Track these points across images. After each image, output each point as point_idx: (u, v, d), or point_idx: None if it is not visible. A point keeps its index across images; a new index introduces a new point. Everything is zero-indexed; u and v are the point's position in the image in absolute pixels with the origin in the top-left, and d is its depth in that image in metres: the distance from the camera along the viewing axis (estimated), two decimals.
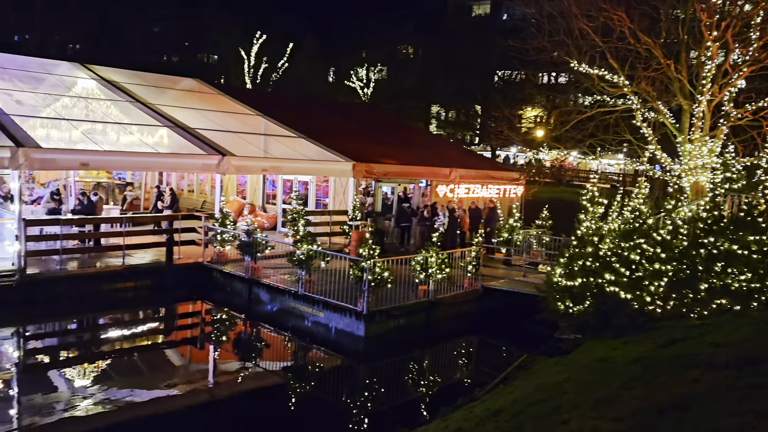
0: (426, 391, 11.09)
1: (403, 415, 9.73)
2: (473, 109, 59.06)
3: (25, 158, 13.45)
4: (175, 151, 16.98)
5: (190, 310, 16.20)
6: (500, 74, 55.46)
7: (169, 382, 10.71)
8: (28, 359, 11.66)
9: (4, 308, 13.13)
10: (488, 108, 55.00)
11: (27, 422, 8.74)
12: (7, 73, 18.92)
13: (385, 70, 59.38)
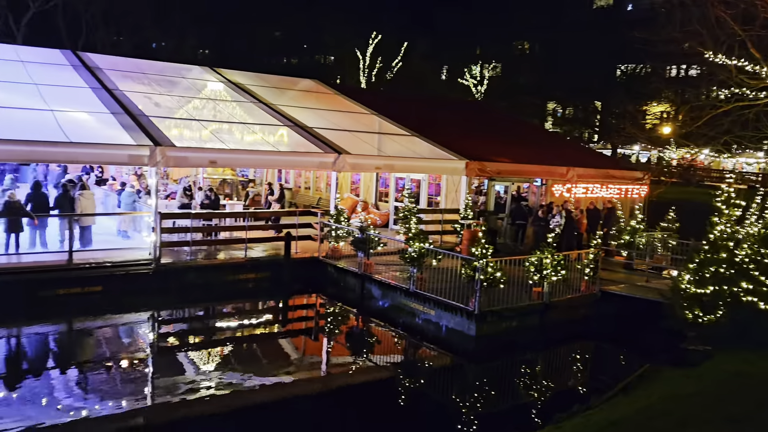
0: (538, 395, 10.76)
1: (513, 419, 9.51)
2: (592, 105, 56.55)
3: (161, 156, 14.57)
4: (294, 149, 17.68)
5: (305, 302, 16.81)
6: (623, 68, 52.68)
7: (284, 371, 11.15)
8: (160, 341, 12.62)
9: (141, 294, 14.34)
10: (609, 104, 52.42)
11: (157, 400, 9.46)
12: (147, 77, 20.59)
13: (499, 67, 58.32)
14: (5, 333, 12.19)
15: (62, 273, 13.69)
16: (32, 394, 9.37)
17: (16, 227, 14.20)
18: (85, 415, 8.68)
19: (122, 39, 47.21)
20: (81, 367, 10.81)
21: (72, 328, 12.93)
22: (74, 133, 14.20)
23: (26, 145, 13.20)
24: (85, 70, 19.25)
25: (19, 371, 10.47)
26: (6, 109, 14.62)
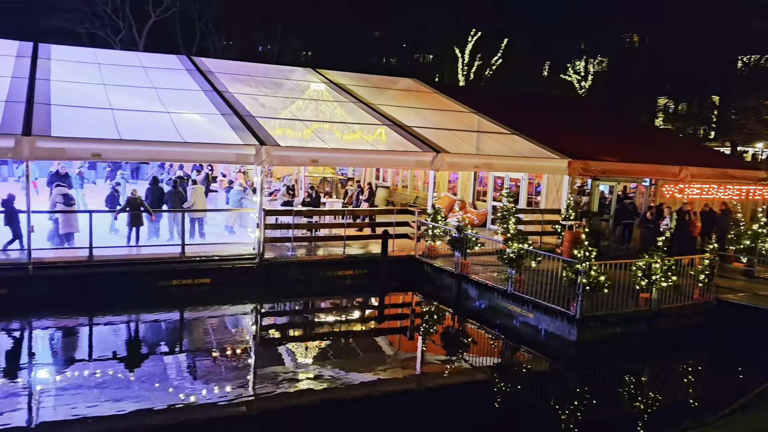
0: (644, 407, 10.17)
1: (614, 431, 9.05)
2: (709, 99, 52.78)
3: (266, 155, 15.17)
4: (393, 148, 17.82)
5: (401, 300, 16.90)
6: (745, 59, 48.78)
7: (380, 368, 11.27)
8: (262, 333, 13.15)
9: (246, 286, 15.02)
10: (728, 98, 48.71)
11: (258, 389, 9.86)
12: (253, 80, 21.51)
13: (605, 61, 55.79)
14: (128, 319, 13.19)
15: (176, 265, 14.61)
16: (148, 376, 10.05)
17: (137, 221, 15.30)
18: (193, 399, 9.20)
19: (231, 43, 49.64)
20: (191, 353, 11.47)
21: (183, 317, 13.75)
22: (188, 133, 15.08)
23: (147, 145, 14.19)
24: (198, 73, 20.41)
25: (137, 355, 11.27)
26: (130, 112, 15.77)
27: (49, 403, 8.88)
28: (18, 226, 13.87)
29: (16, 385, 9.54)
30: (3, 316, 12.46)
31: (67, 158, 15.04)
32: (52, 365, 10.41)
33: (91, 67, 19.06)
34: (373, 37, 62.16)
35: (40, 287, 13.17)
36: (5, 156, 13.16)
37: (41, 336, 12.01)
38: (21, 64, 17.60)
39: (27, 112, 14.11)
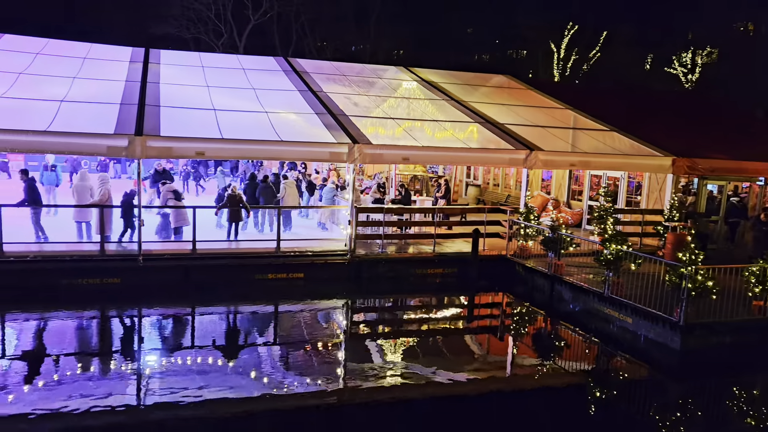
0: (756, 423, 9.44)
1: None
2: None
3: (359, 153, 15.41)
4: (484, 146, 17.58)
5: (492, 300, 16.64)
6: None
7: (468, 367, 11.15)
8: (352, 328, 13.37)
9: (337, 282, 15.35)
10: None
11: (347, 383, 10.03)
12: (347, 79, 21.90)
13: (715, 53, 52.25)
14: (226, 310, 13.83)
15: (272, 260, 15.15)
16: (244, 365, 10.49)
17: (236, 217, 16.01)
18: (285, 390, 9.50)
19: (326, 44, 50.81)
20: (284, 345, 11.85)
21: (278, 310, 14.23)
22: (284, 132, 15.59)
23: (246, 144, 14.81)
24: (294, 74, 21.04)
25: (234, 345, 11.79)
26: (231, 112, 16.50)
27: (155, 385, 9.45)
28: (132, 219, 14.91)
29: (126, 367, 10.24)
30: (116, 303, 13.45)
31: (174, 156, 15.94)
32: (158, 350, 11.09)
33: (196, 70, 20.11)
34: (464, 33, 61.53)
35: (149, 277, 14.08)
36: (120, 154, 14.14)
37: (148, 323, 12.83)
38: (134, 69, 18.86)
39: (139, 114, 15.10)
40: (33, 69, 17.42)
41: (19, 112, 14.24)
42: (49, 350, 10.96)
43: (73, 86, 16.57)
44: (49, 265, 13.60)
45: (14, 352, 10.75)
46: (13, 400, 8.61)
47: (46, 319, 12.54)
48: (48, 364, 10.22)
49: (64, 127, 13.71)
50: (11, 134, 13.03)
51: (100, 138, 13.66)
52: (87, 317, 12.92)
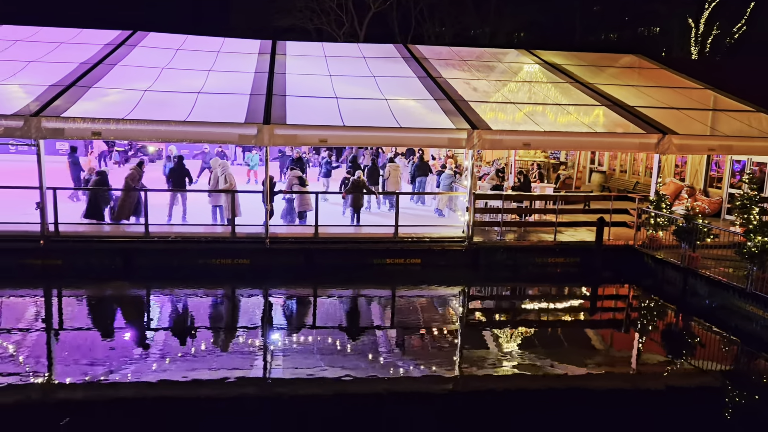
0: None
1: None
2: None
3: (478, 139, 15.21)
4: (611, 130, 16.68)
5: (616, 292, 15.84)
6: None
7: (589, 361, 10.71)
8: (468, 316, 13.30)
9: (454, 269, 15.33)
10: None
11: (462, 370, 9.99)
12: (466, 64, 21.64)
13: None
14: (346, 293, 14.27)
15: (390, 245, 15.40)
16: (362, 346, 10.79)
17: (359, 202, 16.43)
18: (401, 373, 9.65)
19: (444, 29, 50.46)
20: (400, 330, 12.03)
21: (396, 295, 14.47)
22: (403, 118, 15.72)
23: (366, 131, 15.11)
24: (413, 60, 21.11)
25: (353, 327, 12.15)
26: (352, 100, 16.90)
27: (278, 362, 9.97)
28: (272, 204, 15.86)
29: (253, 344, 10.88)
30: (245, 283, 14.33)
31: (298, 144, 16.60)
32: (282, 329, 11.69)
33: (319, 59, 20.77)
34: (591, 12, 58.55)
35: (275, 259, 14.85)
36: (249, 142, 14.97)
37: (274, 302, 13.54)
38: (262, 60, 19.83)
39: (267, 103, 15.88)
40: (174, 63, 18.84)
41: (163, 103, 15.48)
42: (188, 324, 11.92)
43: (208, 78, 17.73)
44: (188, 245, 14.74)
45: (159, 324, 11.80)
46: (159, 368, 9.46)
47: (185, 295, 13.64)
48: (186, 337, 11.10)
49: (201, 117, 14.74)
50: (156, 124, 14.22)
51: (231, 127, 14.55)
52: (220, 295, 13.88)
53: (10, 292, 13.18)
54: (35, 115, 13.86)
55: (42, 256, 14.21)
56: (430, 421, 8.38)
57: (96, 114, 14.24)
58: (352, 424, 8.16)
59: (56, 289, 13.60)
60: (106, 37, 20.44)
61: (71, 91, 15.54)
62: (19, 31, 20.40)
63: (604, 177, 25.16)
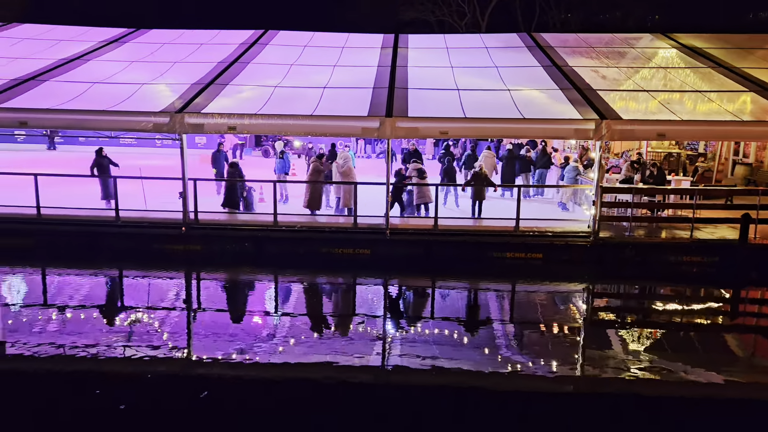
0: None
1: None
2: None
3: (607, 130, 14.49)
4: (760, 117, 15.20)
5: (763, 296, 14.47)
6: None
7: (727, 369, 9.88)
8: (592, 314, 12.74)
9: (578, 265, 14.76)
10: None
11: (584, 371, 9.60)
12: (594, 51, 20.65)
13: None
14: (464, 286, 14.22)
15: (510, 238, 15.13)
16: (478, 340, 10.71)
17: (480, 195, 16.29)
18: (519, 369, 9.46)
19: (570, 16, 48.41)
20: (518, 325, 11.79)
21: (515, 290, 14.19)
22: (526, 109, 15.33)
23: (488, 123, 14.91)
24: (537, 49, 20.48)
25: (471, 320, 12.08)
26: (474, 91, 16.73)
27: (395, 351, 10.13)
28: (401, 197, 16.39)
29: (371, 332, 11.16)
30: (365, 272, 14.72)
31: (420, 136, 16.74)
32: (399, 318, 11.87)
33: (441, 51, 20.74)
34: None
35: (395, 250, 15.11)
36: (372, 135, 15.30)
37: (393, 292, 13.79)
38: (385, 54, 20.15)
39: (389, 96, 16.13)
40: (302, 60, 19.66)
41: (291, 99, 16.22)
42: (311, 310, 12.47)
43: (333, 73, 18.32)
44: (312, 234, 15.38)
45: (285, 309, 12.44)
46: (285, 350, 9.99)
47: (310, 282, 14.27)
48: (310, 322, 11.62)
49: (326, 111, 15.29)
50: (285, 119, 14.94)
51: (355, 120, 14.95)
52: (342, 283, 14.37)
53: (156, 274, 14.47)
54: (179, 111, 15.06)
55: (183, 242, 15.44)
56: (547, 422, 8.16)
57: (231, 110, 15.22)
58: (467, 418, 8.14)
59: (195, 272, 14.74)
60: (240, 36, 21.74)
61: (210, 89, 16.71)
62: (166, 35, 22.24)
63: (750, 170, 23.00)
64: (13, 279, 13.98)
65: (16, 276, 14.15)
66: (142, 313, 11.69)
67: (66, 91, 16.64)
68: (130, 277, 14.23)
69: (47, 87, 16.96)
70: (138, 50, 20.54)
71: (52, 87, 16.96)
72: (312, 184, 16.26)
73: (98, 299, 12.72)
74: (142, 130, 15.27)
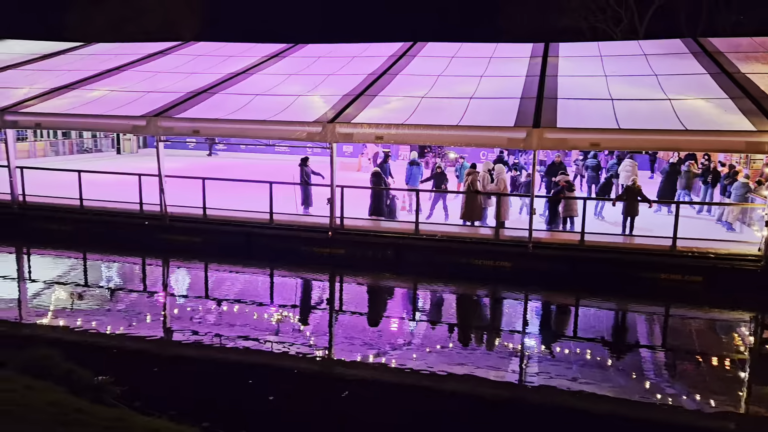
0: None
1: None
2: None
3: None
4: None
5: None
6: None
7: None
8: (762, 346, 11.45)
9: (745, 291, 13.36)
10: None
11: (749, 408, 8.62)
12: None
13: None
14: (611, 306, 13.44)
15: (666, 258, 14.04)
16: (622, 365, 10.05)
17: (632, 210, 15.32)
18: (670, 400, 8.72)
19: (743, 18, 44.07)
20: (671, 352, 10.89)
21: (669, 314, 13.14)
22: (689, 120, 14.19)
23: (644, 134, 13.94)
24: (704, 55, 18.88)
25: (616, 342, 11.38)
26: (629, 101, 15.81)
27: (534, 369, 9.76)
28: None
29: (509, 347, 10.89)
30: (506, 286, 14.43)
31: (568, 148, 16.14)
32: (540, 335, 11.47)
33: (594, 60, 19.85)
34: None
35: (537, 264, 14.65)
36: (518, 146, 15.01)
37: (534, 308, 13.37)
38: (534, 64, 19.69)
39: (537, 107, 15.72)
40: (448, 71, 19.79)
41: (437, 109, 16.38)
42: (448, 320, 12.48)
43: (480, 84, 18.24)
44: (452, 245, 15.37)
45: (422, 317, 12.54)
46: (420, 357, 10.07)
47: (448, 292, 14.29)
48: (446, 332, 11.61)
49: (471, 121, 15.25)
50: (431, 129, 15.12)
51: (500, 131, 14.75)
52: (481, 295, 14.22)
53: (303, 275, 15.28)
54: (331, 121, 15.82)
55: (329, 245, 16.15)
56: None
57: (379, 120, 15.70)
58: None
59: (339, 275, 15.36)
60: (390, 49, 22.39)
61: (360, 100, 17.37)
62: (321, 49, 23.52)
63: None
64: (182, 273, 15.50)
65: (185, 270, 15.67)
66: (289, 311, 12.40)
67: (232, 102, 18.17)
68: (280, 276, 15.15)
69: (216, 99, 18.63)
70: (296, 64, 21.92)
71: (221, 99, 18.60)
72: (469, 195, 16.11)
73: (251, 295, 13.69)
74: (296, 138, 16.24)
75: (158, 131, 16.93)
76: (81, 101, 19.00)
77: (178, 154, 32.28)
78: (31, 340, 9.86)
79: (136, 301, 12.90)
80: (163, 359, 9.82)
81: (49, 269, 15.54)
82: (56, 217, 17.92)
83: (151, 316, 11.84)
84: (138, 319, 11.48)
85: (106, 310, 11.94)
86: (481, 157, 27.28)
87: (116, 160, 30.89)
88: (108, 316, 11.59)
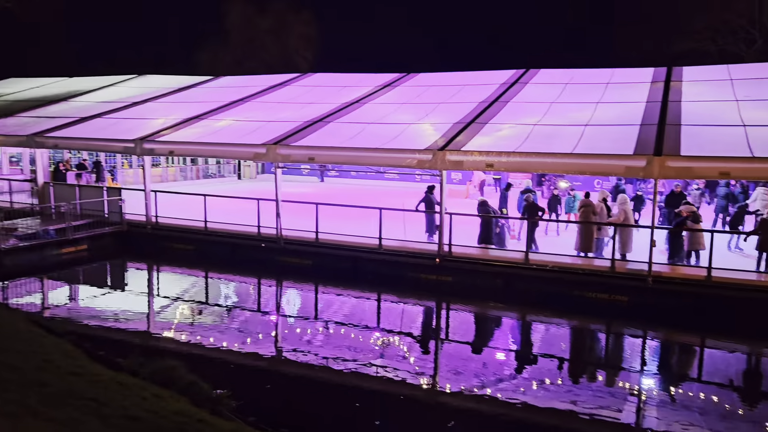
0: None
1: None
2: None
3: None
4: None
5: None
6: None
7: None
8: None
9: None
10: None
11: None
12: None
13: None
14: (747, 350, 12.32)
15: None
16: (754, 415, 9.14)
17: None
18: None
19: None
20: None
21: None
22: None
23: None
24: None
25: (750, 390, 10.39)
26: (763, 127, 14.62)
27: (649, 412, 9.10)
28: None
29: (623, 386, 10.24)
30: (622, 322, 13.66)
31: (693, 177, 15.17)
32: (658, 375, 10.71)
33: (723, 84, 18.61)
34: None
35: (657, 299, 13.75)
36: (637, 175, 14.32)
37: (652, 346, 12.54)
38: (655, 89, 18.77)
39: (658, 134, 14.92)
40: (562, 98, 19.33)
41: (550, 136, 16.00)
42: (559, 354, 11.98)
43: (596, 111, 17.63)
44: (564, 275, 14.81)
45: (530, 350, 12.14)
46: (525, 391, 9.74)
47: (558, 325, 13.74)
48: (555, 367, 11.15)
49: (586, 149, 14.73)
50: (543, 157, 14.76)
51: (618, 159, 14.12)
52: (592, 329, 13.56)
53: (411, 300, 15.33)
54: (441, 149, 15.90)
55: (436, 272, 16.11)
56: None
57: (490, 147, 15.58)
58: None
59: (446, 302, 15.26)
60: (501, 77, 22.25)
61: (470, 128, 17.35)
62: (432, 78, 23.85)
63: None
64: (293, 293, 16.08)
65: (296, 291, 16.26)
66: (396, 336, 12.47)
67: (345, 130, 18.78)
68: (387, 301, 15.30)
69: (331, 127, 19.35)
70: (407, 93, 22.33)
71: (335, 127, 19.30)
72: (585, 226, 15.53)
73: (358, 319, 13.92)
74: (407, 166, 16.46)
75: (277, 158, 17.83)
76: (209, 130, 20.45)
77: (292, 180, 33.70)
78: (158, 351, 10.60)
79: (250, 319, 13.53)
80: (275, 376, 10.19)
81: (174, 285, 16.70)
82: (183, 238, 19.28)
83: (264, 335, 12.36)
84: (253, 337, 12.03)
85: (224, 327, 12.62)
86: (595, 186, 26.25)
87: (237, 185, 32.79)
88: (225, 332, 12.24)
